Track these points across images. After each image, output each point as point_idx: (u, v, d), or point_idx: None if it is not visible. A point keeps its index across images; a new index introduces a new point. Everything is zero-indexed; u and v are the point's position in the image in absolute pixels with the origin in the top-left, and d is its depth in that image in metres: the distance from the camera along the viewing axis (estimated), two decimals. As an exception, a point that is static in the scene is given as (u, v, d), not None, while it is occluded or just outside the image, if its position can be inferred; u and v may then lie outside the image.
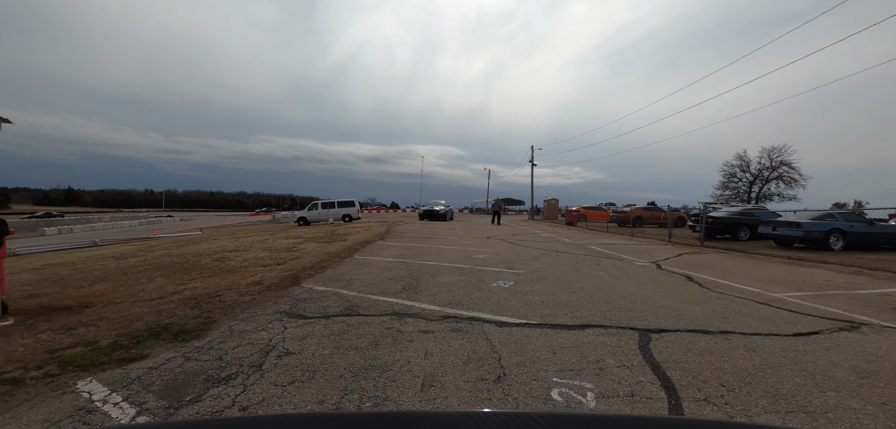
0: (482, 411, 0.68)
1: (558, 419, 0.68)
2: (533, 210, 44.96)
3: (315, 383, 2.74)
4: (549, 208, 39.96)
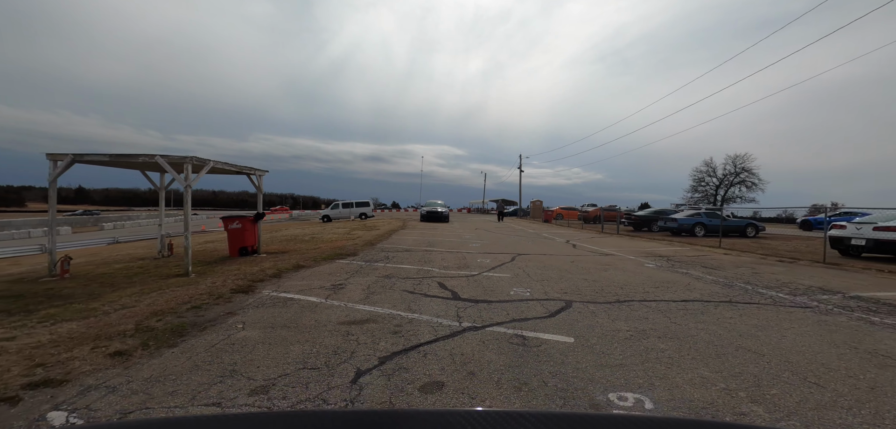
0: (475, 410, 0.68)
1: (554, 419, 0.67)
2: (520, 210, 51.45)
3: (409, 260, 9.02)
4: (534, 209, 46.38)
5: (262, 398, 2.57)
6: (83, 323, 4.22)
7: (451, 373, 2.98)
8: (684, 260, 10.01)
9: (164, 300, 5.15)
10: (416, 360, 3.22)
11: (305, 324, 4.16)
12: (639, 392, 2.70)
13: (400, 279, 6.80)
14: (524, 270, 8.06)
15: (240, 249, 10.08)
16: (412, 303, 5.11)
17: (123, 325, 4.08)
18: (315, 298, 5.37)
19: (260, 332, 3.90)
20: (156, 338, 3.69)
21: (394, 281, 6.63)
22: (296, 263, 8.45)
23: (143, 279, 6.91)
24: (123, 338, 3.68)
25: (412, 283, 6.49)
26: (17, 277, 7.50)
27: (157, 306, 4.81)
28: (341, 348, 3.45)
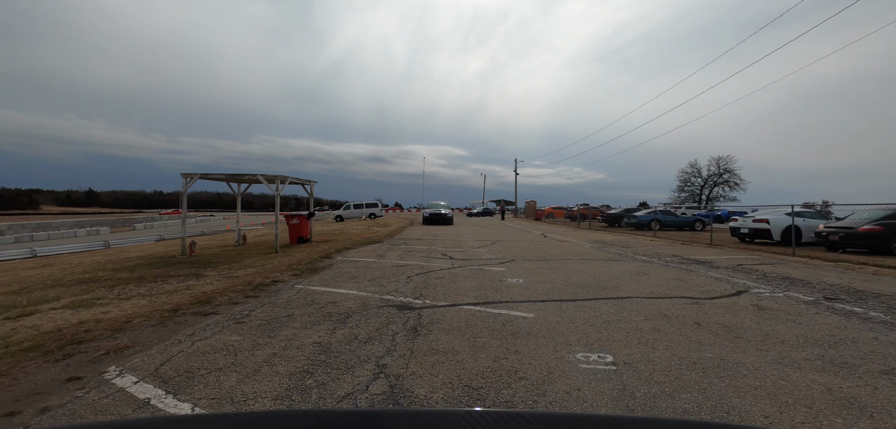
0: (474, 410, 0.69)
1: (554, 419, 0.68)
2: (517, 210, 55.50)
3: (420, 244, 13.02)
4: (528, 208, 50.37)
5: (376, 285, 6.56)
6: (252, 271, 8.19)
7: (447, 278, 6.98)
8: (613, 243, 13.98)
9: (282, 262, 9.15)
10: (431, 274, 7.23)
11: (374, 266, 8.19)
12: (522, 280, 6.68)
13: (417, 251, 10.81)
14: (497, 248, 12.05)
15: (298, 238, 14.08)
16: (426, 260, 9.12)
17: (280, 268, 8.07)
18: (371, 259, 9.40)
19: (353, 268, 7.91)
20: (303, 271, 7.69)
21: (413, 253, 10.65)
22: (344, 246, 12.45)
23: (247, 256, 10.87)
24: (287, 271, 7.68)
25: (425, 253, 10.50)
26: (167, 256, 11.51)
27: (281, 264, 8.80)
28: (396, 272, 7.47)
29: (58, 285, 6.72)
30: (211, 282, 6.69)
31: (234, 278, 7.01)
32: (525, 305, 4.98)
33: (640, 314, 4.57)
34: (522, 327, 4.10)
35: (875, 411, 2.42)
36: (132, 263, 9.36)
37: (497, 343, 3.61)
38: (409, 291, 5.89)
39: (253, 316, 4.53)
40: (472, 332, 3.94)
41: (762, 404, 2.50)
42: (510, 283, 6.49)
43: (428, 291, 5.81)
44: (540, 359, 3.24)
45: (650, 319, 4.38)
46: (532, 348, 3.49)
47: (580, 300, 5.34)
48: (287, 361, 3.20)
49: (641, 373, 2.95)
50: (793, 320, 4.37)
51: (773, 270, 7.94)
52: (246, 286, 6.23)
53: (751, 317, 4.49)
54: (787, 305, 5.04)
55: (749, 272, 7.73)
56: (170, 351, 3.46)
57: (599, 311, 4.73)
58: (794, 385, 2.76)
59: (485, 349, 3.46)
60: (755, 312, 4.68)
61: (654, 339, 3.72)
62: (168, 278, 7.09)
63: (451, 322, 4.27)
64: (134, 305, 5.11)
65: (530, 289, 6.03)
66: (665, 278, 6.98)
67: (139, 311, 4.83)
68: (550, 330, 3.98)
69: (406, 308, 4.90)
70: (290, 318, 4.44)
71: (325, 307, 4.92)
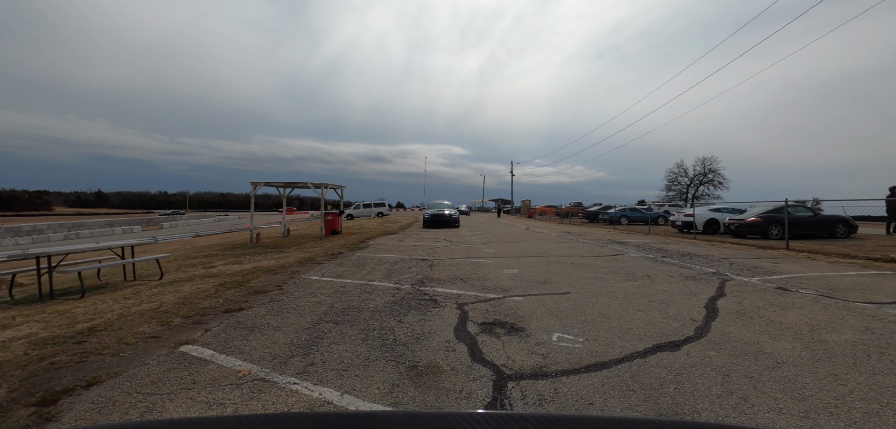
0: (476, 412, 0.70)
1: (554, 419, 0.68)
2: (513, 209, 59.74)
3: (427, 235, 17.14)
4: (523, 207, 54.57)
5: (404, 252, 10.68)
6: (317, 249, 12.28)
7: (447, 249, 11.10)
8: (574, 233, 18.05)
9: (333, 244, 13.26)
10: (437, 248, 11.37)
11: (398, 246, 12.32)
12: (492, 250, 10.79)
13: (426, 239, 14.96)
14: (485, 235, 16.19)
15: (332, 230, 18.20)
16: (433, 242, 13.28)
17: (335, 247, 12.18)
18: (394, 243, 13.57)
19: (386, 246, 12.03)
20: (353, 248, 11.81)
21: (423, 240, 14.81)
22: (369, 236, 16.59)
23: (300, 243, 14.96)
24: (342, 248, 11.80)
25: (432, 240, 14.66)
26: (240, 243, 15.61)
27: (334, 246, 12.90)
28: (414, 248, 11.61)
29: (197, 256, 10.84)
30: (295, 254, 10.80)
31: (311, 251, 11.12)
32: (489, 258, 9.11)
33: (544, 261, 8.70)
34: (484, 264, 8.26)
35: (614, 279, 6.54)
36: (220, 249, 13.49)
37: (469, 270, 7.75)
38: (426, 255, 10.03)
39: (345, 264, 8.67)
40: (458, 266, 8.08)
41: (564, 282, 6.62)
42: (485, 251, 10.63)
43: (436, 255, 9.96)
44: (488, 272, 7.38)
45: (548, 263, 8.51)
46: (485, 271, 7.63)
47: (520, 256, 9.48)
48: (378, 273, 7.34)
49: (528, 276, 7.08)
50: (623, 262, 8.47)
51: (664, 246, 12.03)
52: (325, 254, 10.36)
53: (604, 262, 8.60)
54: (635, 258, 9.13)
55: (643, 248, 11.83)
56: (322, 270, 7.59)
57: (526, 261, 8.86)
58: (593, 278, 6.89)
59: (463, 270, 7.60)
60: (610, 260, 8.80)
61: (541, 267, 7.86)
62: (263, 254, 11.20)
63: (449, 263, 8.41)
64: (270, 262, 9.24)
65: (495, 253, 10.16)
66: (581, 251, 11.08)
67: (277, 264, 8.96)
68: (497, 265, 8.12)
69: (425, 260, 9.05)
70: (365, 264, 8.59)
71: (381, 262, 9.06)
